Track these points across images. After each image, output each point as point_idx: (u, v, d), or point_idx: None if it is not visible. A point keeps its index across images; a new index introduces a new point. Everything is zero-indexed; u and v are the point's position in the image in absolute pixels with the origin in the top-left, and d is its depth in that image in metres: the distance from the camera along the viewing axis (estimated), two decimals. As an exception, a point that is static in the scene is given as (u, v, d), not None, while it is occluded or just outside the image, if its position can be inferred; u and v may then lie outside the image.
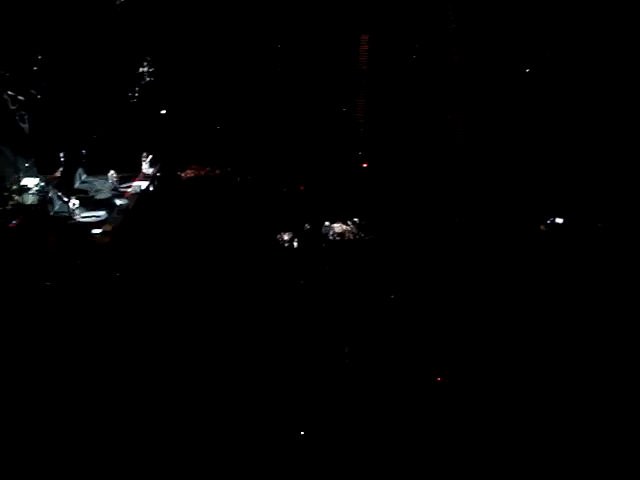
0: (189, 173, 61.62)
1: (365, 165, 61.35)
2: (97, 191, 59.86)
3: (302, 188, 60.26)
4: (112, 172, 59.67)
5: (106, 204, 57.58)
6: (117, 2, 62.90)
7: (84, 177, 61.31)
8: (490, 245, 52.04)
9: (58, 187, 58.31)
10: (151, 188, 60.21)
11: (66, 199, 56.37)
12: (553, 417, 36.48)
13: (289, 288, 47.20)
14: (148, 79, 66.91)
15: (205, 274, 48.29)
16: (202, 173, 61.59)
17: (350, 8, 70.43)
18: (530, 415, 36.61)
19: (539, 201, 57.01)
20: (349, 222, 55.46)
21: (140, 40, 65.39)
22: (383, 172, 61.43)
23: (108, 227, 54.33)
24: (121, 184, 60.06)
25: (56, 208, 56.61)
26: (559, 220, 56.42)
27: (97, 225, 54.87)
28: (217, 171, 61.39)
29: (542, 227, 56.42)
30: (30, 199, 57.08)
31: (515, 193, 57.86)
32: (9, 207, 55.86)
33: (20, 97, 57.95)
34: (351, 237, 54.53)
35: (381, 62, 67.29)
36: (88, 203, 57.21)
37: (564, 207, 56.51)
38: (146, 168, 61.75)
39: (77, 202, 56.38)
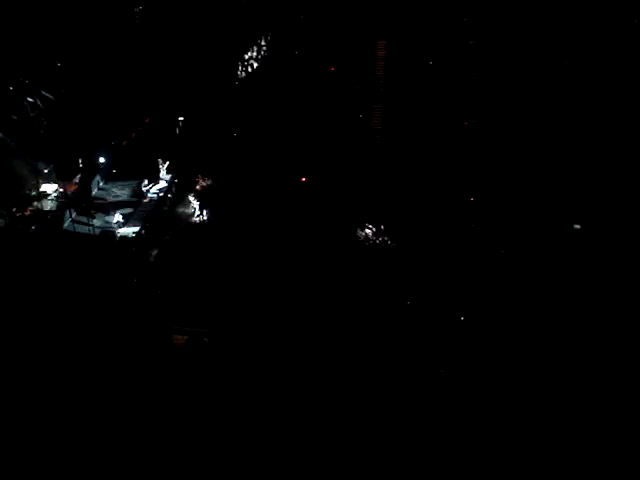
0: (206, 181, 61.82)
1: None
2: (115, 197, 60.27)
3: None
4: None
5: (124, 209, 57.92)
6: (136, 10, 63.34)
7: (102, 184, 61.65)
8: (506, 249, 52.11)
9: (77, 196, 58.80)
10: (169, 195, 60.36)
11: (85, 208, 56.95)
12: (556, 417, 37.05)
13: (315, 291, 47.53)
14: (165, 87, 67.14)
15: (235, 280, 48.74)
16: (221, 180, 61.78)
17: (368, 14, 70.36)
18: (533, 415, 37.19)
19: (557, 207, 56.90)
20: (371, 227, 55.57)
21: (158, 48, 65.71)
22: (402, 177, 61.36)
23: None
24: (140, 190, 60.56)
25: (74, 215, 56.85)
26: (577, 226, 56.31)
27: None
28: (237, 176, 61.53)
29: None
30: (49, 205, 57.59)
31: (533, 199, 57.75)
32: (28, 212, 56.31)
33: (40, 104, 58.51)
34: (374, 242, 54.61)
35: (398, 68, 67.14)
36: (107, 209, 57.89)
37: (582, 213, 56.38)
38: (163, 174, 62.08)
39: (100, 213, 56.94)
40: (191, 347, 42.57)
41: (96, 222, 56.01)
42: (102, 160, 60.73)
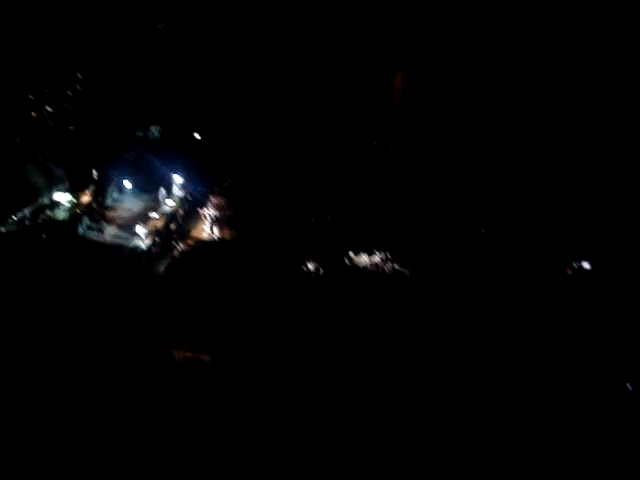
0: (219, 199, 62.06)
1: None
2: (127, 210, 60.50)
3: (329, 218, 60.35)
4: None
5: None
6: (159, 27, 64.15)
7: (115, 195, 61.93)
8: (515, 285, 52.05)
9: (90, 207, 59.10)
10: (181, 211, 60.63)
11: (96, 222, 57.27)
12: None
13: (314, 316, 47.36)
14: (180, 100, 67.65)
15: (235, 301, 48.61)
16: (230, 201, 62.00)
17: (386, 45, 71.06)
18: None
19: (566, 244, 56.95)
20: (376, 253, 55.49)
21: (176, 62, 66.25)
22: (414, 203, 61.51)
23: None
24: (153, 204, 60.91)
25: (86, 225, 56.98)
26: (586, 264, 56.27)
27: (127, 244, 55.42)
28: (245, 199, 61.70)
29: (567, 270, 56.21)
30: (61, 214, 57.84)
31: (542, 235, 57.81)
32: (40, 221, 56.52)
33: (58, 114, 59.07)
34: (377, 269, 54.50)
35: (415, 97, 67.60)
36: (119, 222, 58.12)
37: (591, 251, 56.39)
38: (176, 189, 62.45)
39: (112, 225, 57.25)
40: (191, 363, 42.45)
41: (108, 233, 56.31)
42: (116, 172, 61.23)
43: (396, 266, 54.61)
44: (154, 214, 59.83)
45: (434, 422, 38.46)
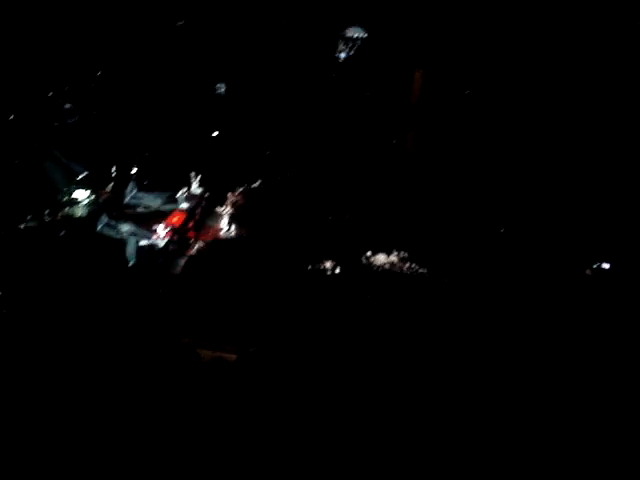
0: (237, 197, 62.06)
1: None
2: (146, 207, 60.55)
3: (347, 217, 60.26)
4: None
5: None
6: (178, 24, 64.23)
7: (134, 192, 61.99)
8: (534, 287, 51.73)
9: (108, 206, 59.16)
10: (199, 209, 60.60)
11: (115, 219, 57.30)
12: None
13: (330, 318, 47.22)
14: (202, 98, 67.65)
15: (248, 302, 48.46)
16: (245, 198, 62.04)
17: (405, 43, 70.86)
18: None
19: (586, 244, 56.55)
20: (394, 252, 55.31)
21: (196, 60, 66.36)
22: (433, 202, 61.35)
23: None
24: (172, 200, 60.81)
25: (104, 222, 57.05)
26: (606, 265, 55.89)
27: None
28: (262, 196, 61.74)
29: (587, 271, 55.85)
30: (80, 211, 57.98)
31: (562, 235, 57.45)
32: (59, 218, 56.68)
33: (77, 111, 59.23)
34: (395, 268, 54.31)
35: (434, 95, 67.42)
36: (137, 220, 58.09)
37: (612, 252, 55.95)
38: (195, 188, 62.36)
39: (131, 222, 57.27)
40: (218, 363, 42.21)
41: (127, 230, 56.34)
42: (135, 170, 61.27)
43: (414, 266, 54.49)
44: (172, 211, 59.86)
45: (445, 421, 38.11)
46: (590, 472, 34.59)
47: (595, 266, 55.64)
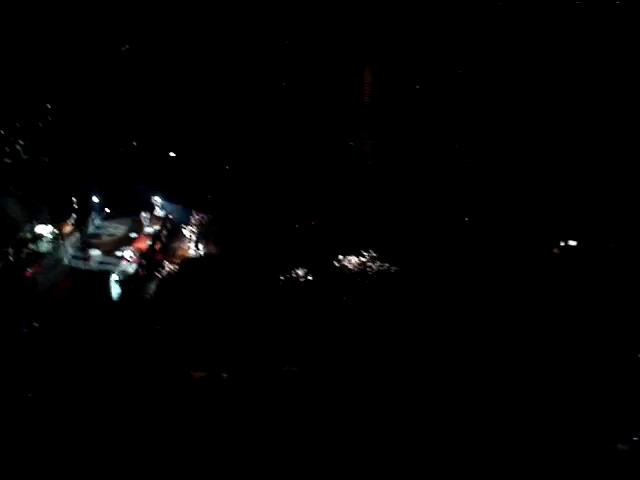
0: (200, 215, 62.06)
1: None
2: (111, 235, 60.30)
3: (313, 223, 60.61)
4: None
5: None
6: (123, 49, 63.74)
7: (97, 222, 61.71)
8: (501, 268, 52.55)
9: (73, 236, 58.76)
10: (164, 231, 60.53)
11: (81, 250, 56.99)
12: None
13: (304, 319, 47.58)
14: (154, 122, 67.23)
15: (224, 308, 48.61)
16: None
17: (355, 41, 70.79)
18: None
19: (552, 224, 57.59)
20: (362, 253, 55.84)
21: (145, 87, 65.77)
22: (392, 202, 61.88)
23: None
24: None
25: (71, 255, 56.69)
26: (572, 242, 56.97)
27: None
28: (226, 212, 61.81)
29: (555, 250, 56.89)
30: (45, 247, 57.43)
31: (526, 217, 58.38)
32: (24, 255, 56.07)
33: (31, 146, 58.59)
34: (365, 269, 54.80)
35: (385, 93, 67.62)
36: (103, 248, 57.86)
37: (577, 229, 57.09)
38: (158, 210, 62.30)
39: (97, 251, 57.05)
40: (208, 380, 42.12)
41: (94, 260, 56.09)
42: (96, 199, 60.99)
43: (384, 264, 55.05)
44: (138, 236, 59.71)
45: (427, 416, 38.42)
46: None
47: (562, 244, 56.94)
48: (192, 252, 58.90)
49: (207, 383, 42.00)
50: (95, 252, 56.99)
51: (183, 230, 60.65)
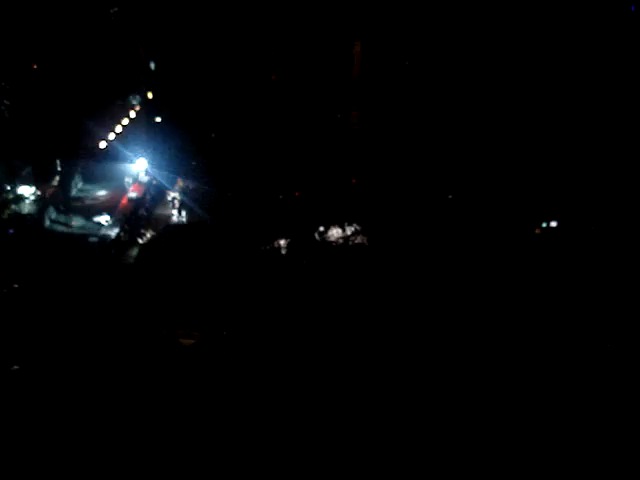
0: (184, 182, 61.73)
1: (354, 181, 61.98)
2: (94, 199, 59.98)
3: (297, 194, 60.47)
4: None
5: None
6: (111, 11, 62.98)
7: (80, 185, 61.35)
8: (486, 249, 52.61)
9: (56, 198, 58.40)
10: (147, 197, 60.23)
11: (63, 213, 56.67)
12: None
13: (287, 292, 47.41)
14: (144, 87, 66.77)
15: (207, 279, 48.38)
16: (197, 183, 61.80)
17: (344, 15, 70.34)
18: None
19: (534, 205, 57.63)
20: (346, 226, 55.77)
21: (135, 48, 65.22)
22: (378, 177, 61.80)
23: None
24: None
25: (52, 217, 56.38)
26: (553, 224, 57.10)
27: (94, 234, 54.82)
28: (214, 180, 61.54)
29: (537, 231, 57.04)
30: (27, 208, 57.15)
31: (509, 198, 58.41)
32: (5, 216, 55.78)
33: (16, 106, 58.04)
34: (348, 241, 54.80)
35: (375, 68, 67.30)
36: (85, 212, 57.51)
37: (559, 210, 57.14)
38: (142, 176, 61.93)
39: (79, 215, 56.73)
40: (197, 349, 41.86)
41: (76, 224, 55.83)
42: (80, 162, 60.60)
43: (367, 238, 55.08)
44: (121, 201, 59.41)
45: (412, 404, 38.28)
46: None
47: (544, 225, 57.06)
48: (175, 219, 58.70)
49: (197, 351, 42.03)
50: (76, 216, 56.79)
51: (167, 196, 60.33)
